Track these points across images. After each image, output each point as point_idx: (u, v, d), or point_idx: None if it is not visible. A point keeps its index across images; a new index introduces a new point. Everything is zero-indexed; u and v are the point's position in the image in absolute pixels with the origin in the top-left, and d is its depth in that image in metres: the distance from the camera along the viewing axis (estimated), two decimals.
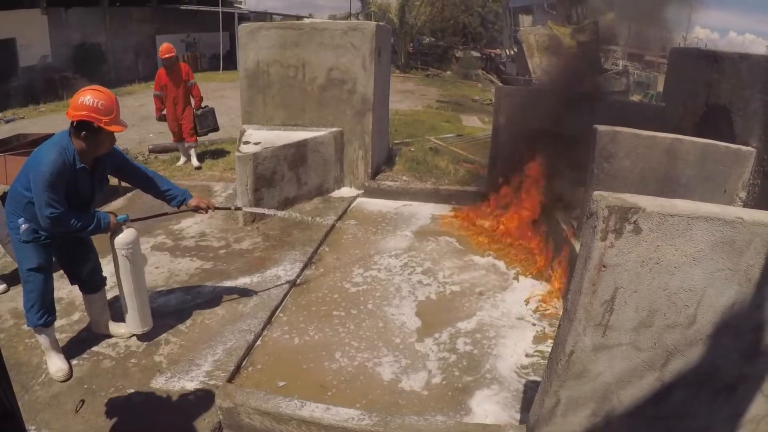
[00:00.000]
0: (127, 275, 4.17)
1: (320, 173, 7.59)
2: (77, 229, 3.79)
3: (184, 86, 9.27)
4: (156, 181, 4.33)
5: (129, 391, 3.87)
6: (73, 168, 3.65)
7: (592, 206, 2.51)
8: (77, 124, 3.60)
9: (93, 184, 3.93)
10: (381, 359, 4.33)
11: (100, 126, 3.59)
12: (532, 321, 4.90)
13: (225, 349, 4.31)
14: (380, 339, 4.58)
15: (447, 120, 15.12)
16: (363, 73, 7.50)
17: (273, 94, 7.87)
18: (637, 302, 2.60)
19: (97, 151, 3.77)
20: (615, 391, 2.87)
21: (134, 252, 4.15)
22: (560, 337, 2.84)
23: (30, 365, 4.14)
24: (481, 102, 20.69)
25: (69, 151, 3.63)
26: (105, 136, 3.69)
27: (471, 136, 12.94)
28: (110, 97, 3.67)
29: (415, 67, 30.07)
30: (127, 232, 4.09)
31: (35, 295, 3.91)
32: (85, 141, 3.64)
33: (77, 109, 3.57)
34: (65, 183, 3.63)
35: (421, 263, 5.93)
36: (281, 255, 5.89)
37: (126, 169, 4.25)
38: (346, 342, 4.53)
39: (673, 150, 4.73)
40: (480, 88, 25.59)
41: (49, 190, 3.53)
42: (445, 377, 4.13)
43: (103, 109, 3.58)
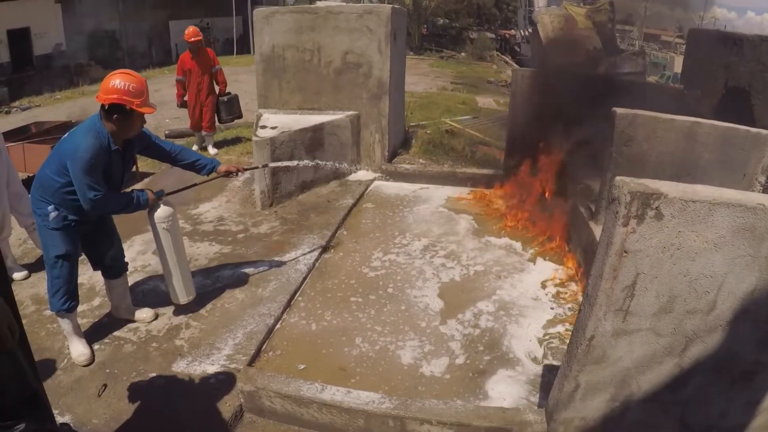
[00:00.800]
0: (170, 248, 4.29)
1: (337, 157, 7.53)
2: (119, 208, 3.92)
3: (210, 72, 9.09)
4: (184, 154, 4.43)
5: (150, 375, 3.93)
6: (108, 151, 3.73)
7: (614, 192, 2.51)
8: (109, 107, 3.66)
9: (124, 165, 4.02)
10: (404, 343, 4.35)
11: (132, 108, 3.67)
12: (549, 304, 4.90)
13: (245, 332, 4.35)
14: (403, 322, 4.60)
15: (462, 102, 15.01)
16: (379, 57, 7.47)
17: (289, 78, 7.88)
18: (658, 288, 2.60)
19: (128, 133, 3.85)
20: (634, 376, 2.87)
21: (173, 224, 4.28)
22: (580, 321, 2.85)
23: (52, 350, 4.20)
24: (496, 83, 20.53)
25: (103, 135, 3.70)
26: (136, 118, 3.78)
27: (487, 118, 12.87)
28: (140, 80, 3.74)
29: (429, 49, 29.84)
30: (164, 207, 4.20)
31: (61, 281, 3.96)
32: (117, 123, 3.71)
33: (109, 92, 3.63)
34: (101, 165, 3.70)
35: (440, 245, 5.93)
36: (299, 239, 5.91)
37: (154, 147, 4.32)
38: (368, 327, 4.55)
39: (693, 133, 4.70)
40: (495, 69, 25.36)
41: (89, 174, 3.62)
42: (466, 360, 4.16)
43: (134, 91, 3.66)
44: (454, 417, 3.35)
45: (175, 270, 4.37)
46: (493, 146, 9.82)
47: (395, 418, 3.38)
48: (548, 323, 4.62)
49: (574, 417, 3.08)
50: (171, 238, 4.27)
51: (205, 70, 8.99)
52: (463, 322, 4.62)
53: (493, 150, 9.46)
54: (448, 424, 3.33)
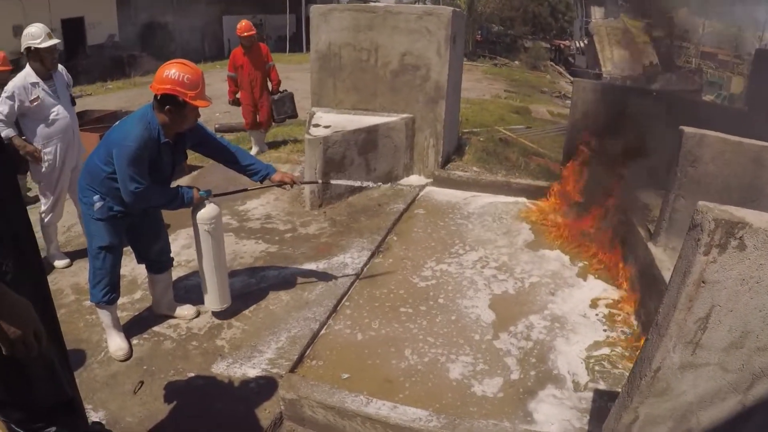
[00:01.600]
0: (209, 251, 4.17)
1: (390, 160, 7.50)
2: (161, 204, 3.84)
3: (263, 69, 8.92)
4: (238, 156, 4.27)
5: (189, 374, 3.86)
6: (157, 143, 3.65)
7: (697, 217, 2.37)
8: (161, 97, 3.57)
9: (174, 158, 3.93)
10: (456, 356, 4.23)
11: (186, 100, 3.56)
12: (599, 323, 4.76)
13: (289, 336, 4.25)
14: (456, 334, 4.49)
15: (516, 111, 14.87)
16: (437, 60, 7.34)
17: (344, 78, 7.80)
18: (732, 322, 2.46)
19: (181, 126, 3.75)
20: (695, 411, 2.74)
21: (216, 227, 4.14)
22: (647, 352, 2.72)
23: (90, 342, 4.16)
24: (550, 93, 20.32)
25: (153, 126, 3.62)
26: (189, 110, 3.66)
27: (540, 129, 12.71)
28: (196, 71, 3.63)
29: (483, 55, 29.70)
30: (209, 207, 4.06)
31: (103, 272, 3.92)
32: (169, 115, 3.62)
33: (162, 82, 3.54)
34: (149, 158, 3.62)
35: (492, 256, 5.80)
36: (348, 242, 5.82)
37: (208, 143, 4.20)
38: (418, 338, 4.42)
39: (761, 158, 4.51)
40: (548, 79, 25.14)
41: (133, 165, 3.54)
42: (516, 376, 4.05)
43: (188, 83, 3.55)
44: None
45: (212, 275, 4.26)
46: (547, 158, 9.65)
47: None
48: (597, 344, 4.47)
49: None
50: (212, 241, 4.15)
51: (259, 66, 8.83)
52: (515, 336, 4.51)
53: (548, 162, 9.29)
54: None
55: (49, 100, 4.96)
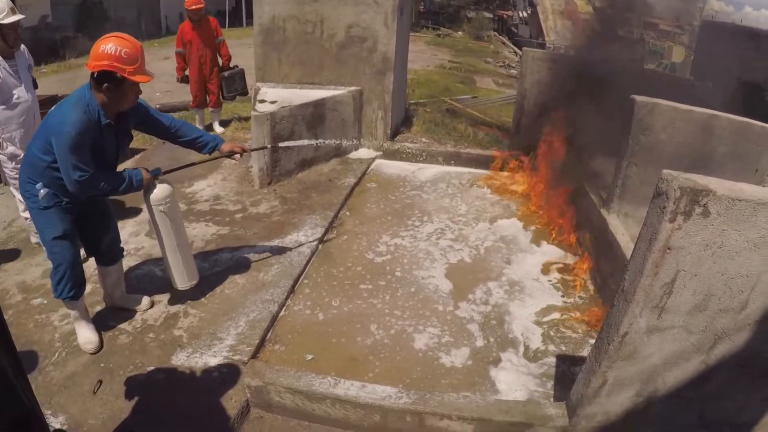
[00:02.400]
0: (168, 231, 3.98)
1: (338, 133, 7.39)
2: (109, 190, 3.57)
3: (213, 44, 8.49)
4: (184, 130, 4.05)
5: (149, 368, 3.70)
6: (98, 125, 3.39)
7: (661, 185, 2.38)
8: (98, 75, 3.30)
9: (117, 140, 3.68)
10: (421, 328, 4.25)
11: (124, 76, 3.29)
12: (554, 289, 4.87)
13: (248, 321, 4.13)
14: (418, 307, 4.49)
15: (461, 81, 14.90)
16: (385, 31, 7.24)
17: (289, 51, 7.61)
18: (696, 286, 2.52)
19: (121, 105, 3.49)
20: (661, 372, 2.84)
21: (171, 206, 3.93)
22: (614, 317, 2.76)
23: (41, 344, 3.92)
24: (495, 64, 20.39)
25: (92, 107, 3.36)
26: (129, 87, 3.40)
27: (486, 98, 12.75)
28: (134, 45, 3.37)
29: (426, 26, 29.55)
30: (161, 187, 3.84)
31: (63, 266, 3.69)
32: (107, 93, 3.36)
33: (98, 58, 3.27)
34: (91, 142, 3.38)
35: (446, 226, 5.84)
36: (301, 219, 5.72)
37: (151, 121, 3.92)
38: (377, 312, 4.41)
39: (710, 126, 4.65)
40: (492, 49, 25.20)
41: (75, 152, 3.28)
42: (479, 346, 4.09)
43: (126, 57, 3.28)
44: (474, 412, 3.24)
45: (174, 254, 4.08)
46: (495, 126, 9.69)
47: (413, 414, 3.26)
48: (553, 309, 4.58)
49: (597, 412, 3.04)
50: (169, 221, 3.94)
51: (208, 41, 8.41)
52: (474, 303, 4.58)
53: (495, 131, 9.33)
54: (468, 419, 3.22)
55: (10, 80, 4.58)
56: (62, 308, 4.20)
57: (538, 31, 26.01)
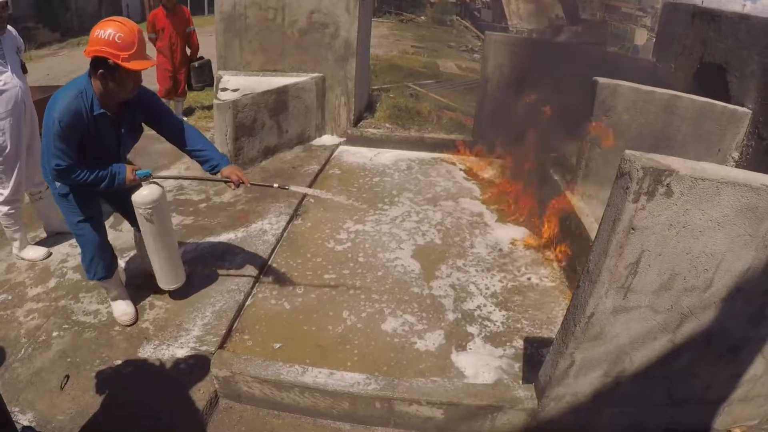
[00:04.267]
0: (151, 234, 3.81)
1: (301, 121, 7.34)
2: (87, 183, 3.40)
3: (184, 33, 8.28)
4: (194, 139, 3.80)
5: (116, 362, 3.62)
6: (89, 115, 3.25)
7: (624, 166, 2.38)
8: (93, 61, 3.17)
9: (118, 134, 3.53)
10: (389, 313, 4.25)
11: (117, 62, 3.11)
12: (520, 269, 4.91)
13: (214, 311, 4.07)
14: (394, 291, 4.50)
15: (424, 66, 14.83)
16: (347, 17, 7.17)
17: (250, 39, 7.50)
18: (661, 265, 2.54)
19: (117, 94, 3.30)
20: (628, 352, 2.87)
21: (156, 211, 3.70)
22: (579, 298, 2.76)
23: (7, 340, 3.81)
24: (457, 48, 20.38)
25: (87, 95, 3.23)
26: (124, 74, 3.19)
27: (450, 83, 12.73)
28: (131, 29, 3.17)
29: (389, 11, 29.38)
30: (148, 189, 3.64)
31: (91, 247, 3.69)
32: (102, 80, 3.20)
33: (93, 43, 3.12)
34: (78, 132, 3.24)
35: (411, 209, 5.86)
36: (265, 207, 5.66)
37: (163, 121, 3.73)
38: (344, 299, 4.39)
39: (671, 106, 4.71)
40: (455, 34, 25.16)
41: (57, 139, 3.16)
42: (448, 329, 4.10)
43: (121, 42, 3.10)
44: (443, 396, 3.23)
45: (157, 256, 3.94)
46: (458, 111, 9.68)
47: (382, 400, 3.25)
48: (518, 289, 4.62)
49: (565, 393, 3.07)
50: (152, 225, 3.74)
51: (180, 30, 8.22)
52: (442, 285, 4.60)
53: (459, 115, 9.32)
54: (437, 404, 3.22)
55: None
56: (27, 303, 4.16)
57: (500, 15, 26.06)
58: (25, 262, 4.70)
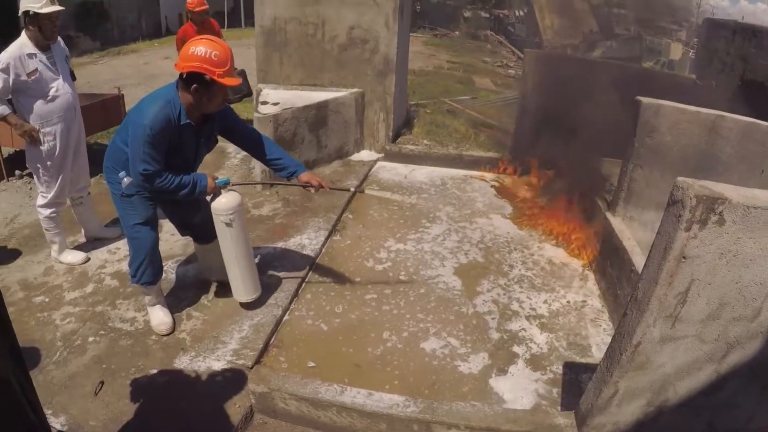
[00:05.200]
0: (229, 242, 3.92)
1: (340, 136, 7.37)
2: (169, 190, 3.55)
3: None
4: (270, 148, 4.02)
5: (151, 371, 3.64)
6: (177, 124, 3.44)
7: (677, 193, 2.34)
8: (187, 76, 3.36)
9: (198, 143, 3.70)
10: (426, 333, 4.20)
11: (213, 78, 3.34)
12: (561, 291, 4.85)
13: (251, 324, 4.08)
14: (421, 310, 4.45)
15: (459, 81, 14.83)
16: (386, 32, 7.20)
17: (290, 53, 7.58)
18: (710, 294, 2.48)
19: (207, 107, 3.52)
20: (673, 382, 2.80)
21: (236, 218, 3.85)
22: (627, 327, 2.71)
23: (43, 342, 3.87)
24: (492, 64, 20.35)
25: (175, 106, 3.42)
26: (217, 89, 3.44)
27: (486, 99, 12.71)
28: (225, 48, 3.41)
29: (423, 26, 29.42)
30: (228, 197, 3.79)
31: (144, 251, 3.77)
32: (195, 95, 3.40)
33: (188, 60, 3.33)
34: (167, 140, 3.41)
35: (451, 227, 5.82)
36: (304, 222, 5.66)
37: (237, 130, 3.96)
38: (381, 318, 4.34)
39: (715, 127, 4.59)
40: (489, 49, 25.13)
41: (147, 144, 3.34)
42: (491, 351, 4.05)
43: (216, 60, 3.33)
44: (482, 421, 3.19)
45: (234, 266, 4.02)
46: (495, 128, 9.65)
47: (420, 422, 3.21)
48: (560, 312, 4.55)
49: (607, 422, 3.00)
50: (231, 233, 3.87)
51: None
52: (486, 305, 4.56)
53: (496, 132, 9.29)
54: (476, 429, 3.17)
55: (48, 73, 4.44)
56: (64, 307, 4.23)
57: (534, 30, 25.94)
58: (63, 266, 4.80)
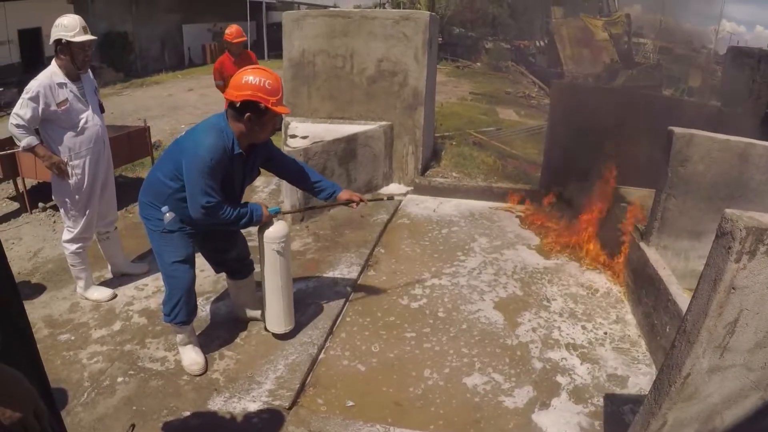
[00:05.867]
0: (276, 271, 3.98)
1: (369, 169, 7.41)
2: (230, 221, 3.57)
3: None
4: (306, 173, 4.13)
5: (184, 413, 3.52)
6: (231, 154, 3.45)
7: (726, 225, 2.34)
8: (241, 105, 3.37)
9: (245, 173, 3.74)
10: (465, 368, 4.15)
11: (268, 107, 3.38)
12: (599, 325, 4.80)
13: (286, 364, 4.00)
14: (454, 346, 4.41)
15: (484, 113, 14.91)
16: (415, 65, 7.28)
17: (319, 86, 7.68)
18: (758, 324, 2.45)
19: (258, 136, 3.56)
20: (720, 411, 2.75)
21: (285, 246, 3.96)
22: (676, 359, 2.68)
23: (69, 382, 3.76)
24: (515, 94, 20.44)
25: (228, 135, 3.44)
26: (269, 119, 3.49)
27: (510, 130, 12.75)
28: (276, 77, 3.45)
29: (445, 58, 29.67)
30: (278, 225, 3.90)
31: (181, 291, 3.75)
32: (248, 124, 3.43)
33: (241, 89, 3.36)
34: (223, 169, 3.43)
35: (485, 259, 5.81)
36: (335, 257, 5.65)
37: (277, 160, 4.01)
38: (419, 355, 4.28)
39: (746, 155, 4.60)
40: (510, 80, 25.27)
41: (207, 176, 3.35)
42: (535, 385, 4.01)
43: (270, 88, 3.38)
44: None
45: (278, 295, 4.06)
46: (521, 159, 9.67)
47: None
48: (596, 344, 4.51)
49: None
50: (281, 261, 3.95)
51: None
52: (528, 339, 4.52)
53: (523, 163, 9.31)
54: None
55: (78, 104, 4.38)
56: (90, 345, 4.17)
57: (556, 61, 26.05)
58: (89, 303, 4.74)
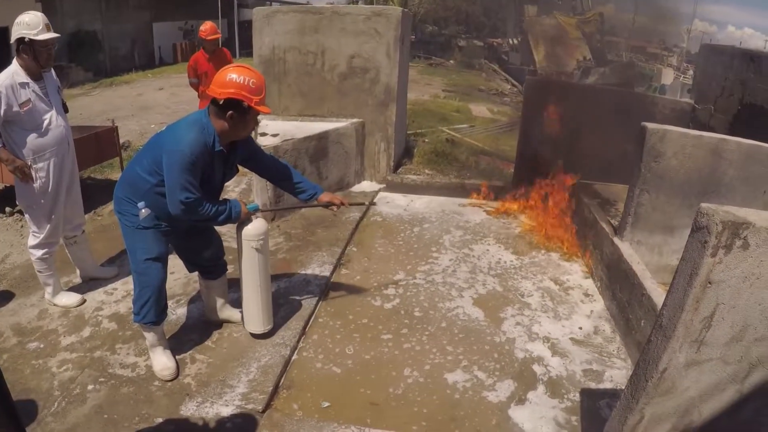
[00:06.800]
0: (254, 269, 3.93)
1: (341, 167, 7.34)
2: (208, 217, 3.53)
3: None
4: (287, 173, 4.09)
5: (157, 420, 3.42)
6: (211, 150, 3.43)
7: (701, 220, 2.33)
8: (224, 102, 3.34)
9: (225, 171, 3.70)
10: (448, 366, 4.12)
11: (251, 105, 3.36)
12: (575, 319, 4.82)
13: (259, 366, 3.92)
14: (437, 344, 4.36)
15: (456, 110, 14.95)
16: (387, 62, 7.22)
17: (289, 83, 7.59)
18: (734, 318, 2.45)
19: (239, 134, 3.55)
20: (697, 405, 2.76)
21: (264, 244, 3.90)
22: (652, 353, 2.67)
23: (39, 392, 3.64)
24: (488, 92, 20.52)
25: (209, 132, 3.40)
26: (252, 117, 3.49)
27: (483, 127, 12.78)
28: (260, 76, 3.44)
29: (418, 55, 29.75)
30: (257, 223, 3.85)
31: (151, 289, 3.67)
32: (230, 121, 3.40)
33: (225, 86, 3.33)
34: (202, 165, 3.39)
35: (459, 257, 5.78)
36: (307, 256, 5.56)
37: (258, 158, 3.98)
38: (391, 353, 4.23)
39: (719, 150, 4.65)
40: (484, 77, 25.39)
41: (187, 172, 3.30)
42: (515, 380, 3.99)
43: (254, 88, 3.36)
44: None
45: (256, 294, 4.00)
46: (494, 156, 9.67)
47: None
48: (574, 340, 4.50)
49: None
50: (259, 259, 3.90)
51: None
52: (508, 334, 4.51)
53: (496, 160, 9.31)
54: None
55: (41, 105, 4.24)
56: (60, 353, 4.04)
57: (529, 58, 26.27)
58: (57, 309, 4.61)
